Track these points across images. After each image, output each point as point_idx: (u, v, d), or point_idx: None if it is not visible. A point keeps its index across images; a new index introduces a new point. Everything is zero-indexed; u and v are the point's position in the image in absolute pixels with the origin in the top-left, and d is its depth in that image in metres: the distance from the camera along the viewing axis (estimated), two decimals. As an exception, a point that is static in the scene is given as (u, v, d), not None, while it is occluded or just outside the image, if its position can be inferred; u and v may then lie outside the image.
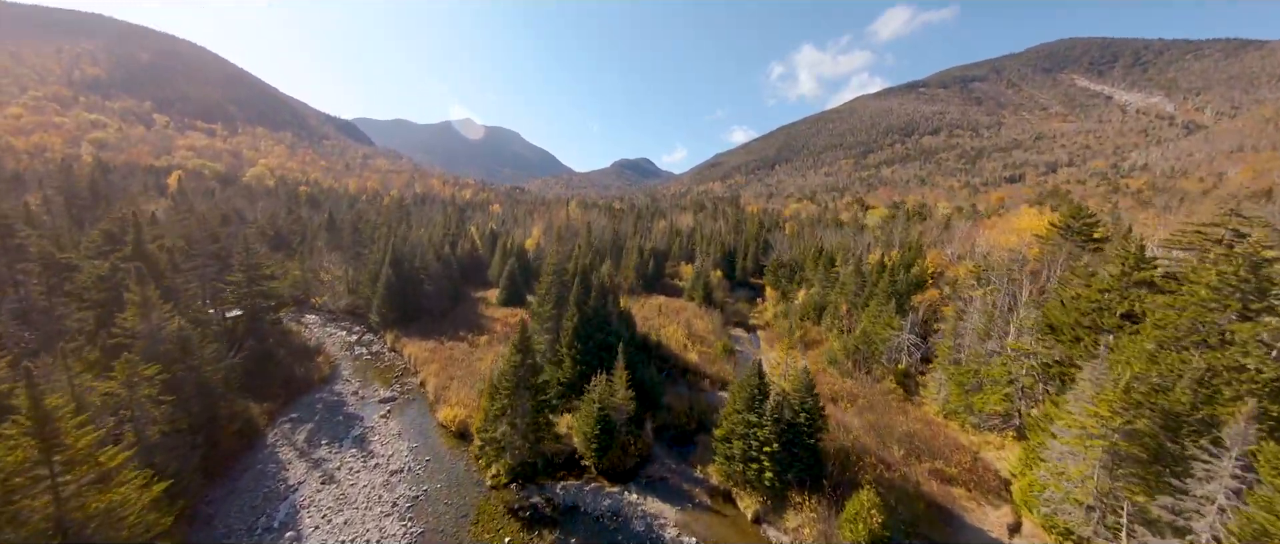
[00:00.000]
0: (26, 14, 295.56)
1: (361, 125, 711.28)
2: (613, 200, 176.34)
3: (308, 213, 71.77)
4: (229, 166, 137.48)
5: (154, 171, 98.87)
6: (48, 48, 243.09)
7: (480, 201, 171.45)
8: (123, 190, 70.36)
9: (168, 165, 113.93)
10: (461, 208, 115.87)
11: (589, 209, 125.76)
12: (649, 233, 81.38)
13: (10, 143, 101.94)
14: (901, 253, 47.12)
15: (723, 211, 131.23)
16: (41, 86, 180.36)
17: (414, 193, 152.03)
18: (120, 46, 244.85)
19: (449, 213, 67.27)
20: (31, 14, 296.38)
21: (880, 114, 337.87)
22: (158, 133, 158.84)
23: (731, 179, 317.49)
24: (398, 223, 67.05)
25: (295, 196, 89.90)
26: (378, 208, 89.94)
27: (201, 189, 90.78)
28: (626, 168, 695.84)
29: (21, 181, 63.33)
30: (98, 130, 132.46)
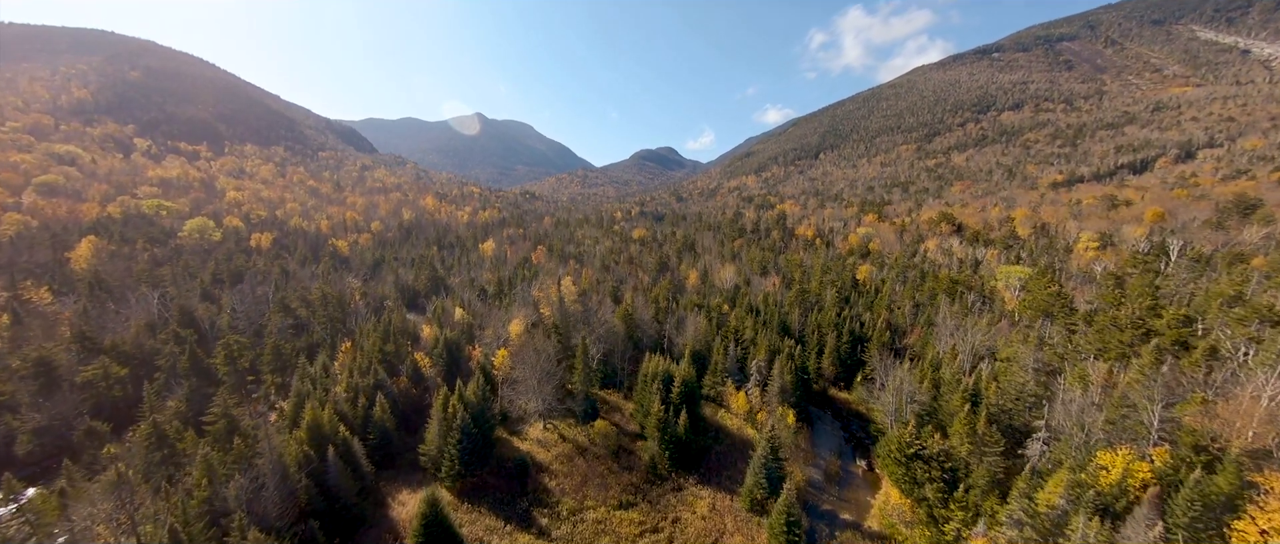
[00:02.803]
0: (32, 34, 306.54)
1: (371, 127, 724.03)
2: (632, 226, 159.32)
3: (206, 315, 58.61)
4: (195, 201, 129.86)
5: (93, 225, 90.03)
6: (45, 70, 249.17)
7: (481, 225, 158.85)
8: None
9: (121, 211, 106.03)
10: (434, 275, 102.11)
11: (604, 244, 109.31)
12: (678, 302, 63.99)
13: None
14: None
15: (768, 236, 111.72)
16: (24, 115, 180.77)
17: (401, 222, 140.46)
18: (111, 65, 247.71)
19: (392, 321, 51.91)
20: (36, 34, 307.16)
21: (945, 87, 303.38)
22: (131, 163, 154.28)
23: (768, 172, 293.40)
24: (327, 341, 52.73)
25: (226, 267, 77.84)
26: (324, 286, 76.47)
27: (142, 236, 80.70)
28: (648, 160, 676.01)
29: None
30: (58, 167, 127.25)
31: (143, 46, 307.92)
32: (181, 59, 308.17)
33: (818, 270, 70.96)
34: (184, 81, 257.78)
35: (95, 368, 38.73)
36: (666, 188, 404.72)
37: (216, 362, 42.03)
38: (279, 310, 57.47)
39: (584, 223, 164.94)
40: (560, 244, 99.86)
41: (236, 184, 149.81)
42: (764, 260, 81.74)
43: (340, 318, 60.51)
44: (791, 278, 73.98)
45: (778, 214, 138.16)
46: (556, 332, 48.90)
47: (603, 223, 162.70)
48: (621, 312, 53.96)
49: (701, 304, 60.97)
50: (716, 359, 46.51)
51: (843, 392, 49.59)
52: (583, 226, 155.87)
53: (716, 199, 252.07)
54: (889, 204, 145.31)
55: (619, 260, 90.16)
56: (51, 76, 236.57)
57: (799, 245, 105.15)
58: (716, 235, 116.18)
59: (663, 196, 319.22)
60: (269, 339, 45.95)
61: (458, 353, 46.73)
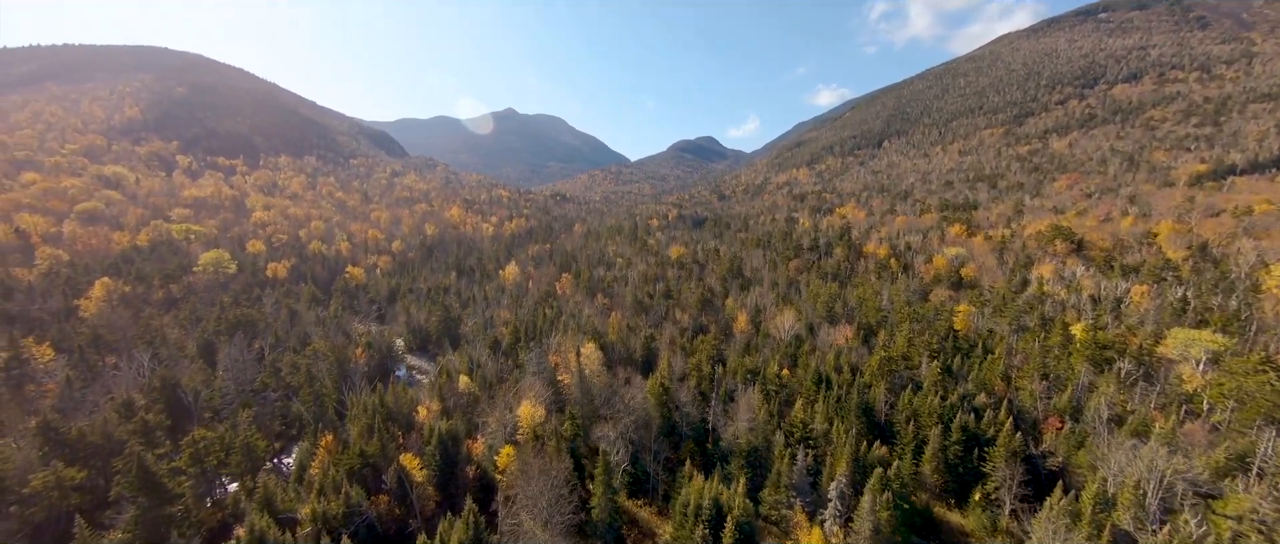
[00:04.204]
0: (97, 55, 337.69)
1: (404, 128, 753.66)
2: (670, 237, 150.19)
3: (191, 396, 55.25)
4: (224, 223, 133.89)
5: (117, 259, 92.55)
6: (104, 89, 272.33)
7: (507, 239, 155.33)
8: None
9: (150, 239, 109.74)
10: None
11: (638, 268, 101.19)
12: (725, 365, 54.76)
13: (5, 226, 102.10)
14: None
15: (830, 253, 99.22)
16: (81, 136, 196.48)
17: (423, 240, 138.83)
18: (160, 83, 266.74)
19: (384, 401, 45.93)
20: (100, 54, 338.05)
21: (1039, 57, 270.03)
22: (170, 183, 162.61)
23: (822, 164, 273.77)
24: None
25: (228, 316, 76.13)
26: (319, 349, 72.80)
27: (159, 272, 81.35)
28: (686, 151, 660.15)
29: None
30: (102, 192, 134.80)
31: (190, 61, 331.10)
32: (224, 72, 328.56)
33: (904, 324, 58.74)
34: (225, 95, 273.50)
35: (46, 475, 35.12)
36: (707, 183, 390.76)
37: (181, 464, 37.55)
38: (270, 375, 53.53)
39: (616, 233, 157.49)
40: (587, 271, 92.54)
41: (265, 202, 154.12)
42: (830, 298, 70.26)
43: (336, 381, 55.97)
44: (868, 326, 62.34)
45: (840, 224, 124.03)
46: (573, 422, 41.12)
47: (636, 233, 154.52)
48: (654, 387, 45.42)
49: (755, 371, 51.27)
50: (779, 466, 37.04)
51: (954, 512, 38.64)
52: (614, 238, 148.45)
53: (763, 198, 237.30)
54: (977, 208, 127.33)
55: (654, 293, 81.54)
56: (108, 95, 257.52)
57: (869, 267, 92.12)
58: (767, 254, 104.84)
59: (703, 194, 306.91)
60: (242, 431, 41.21)
61: (455, 451, 40.09)
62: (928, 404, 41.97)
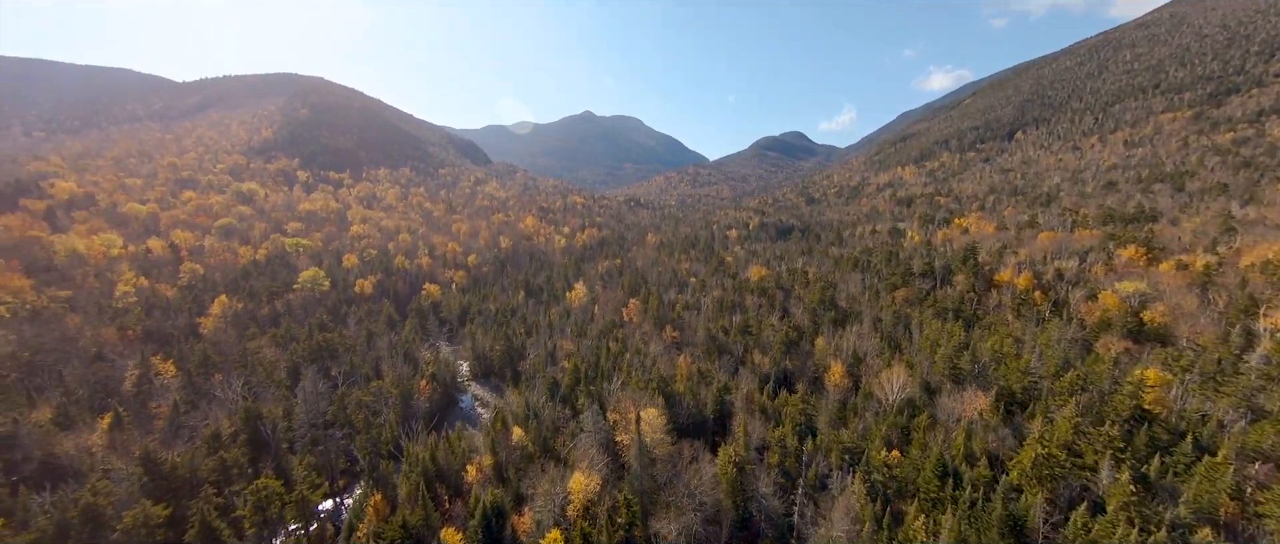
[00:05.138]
0: (246, 83, 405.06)
1: (491, 134, 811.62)
2: (750, 252, 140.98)
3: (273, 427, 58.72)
4: (328, 235, 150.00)
5: (240, 273, 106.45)
6: (248, 114, 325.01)
7: (579, 250, 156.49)
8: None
9: (268, 253, 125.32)
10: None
11: (713, 293, 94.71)
12: (815, 439, 47.14)
13: (162, 243, 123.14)
14: None
15: (949, 281, 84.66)
16: (228, 157, 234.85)
17: (497, 253, 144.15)
18: (289, 105, 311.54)
19: (436, 454, 44.99)
20: (248, 83, 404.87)
21: (1247, 16, 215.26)
22: (290, 197, 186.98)
23: (934, 161, 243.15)
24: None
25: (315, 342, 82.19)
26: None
27: (267, 288, 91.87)
28: (770, 149, 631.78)
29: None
30: (237, 208, 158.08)
31: (313, 84, 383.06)
32: (339, 93, 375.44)
33: (1067, 399, 45.61)
34: (338, 114, 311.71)
35: (135, 512, 38.25)
36: (793, 183, 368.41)
37: (245, 512, 39.09)
38: (339, 409, 55.81)
39: (690, 246, 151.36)
40: (656, 296, 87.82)
41: (363, 215, 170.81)
42: (954, 347, 58.06)
43: (399, 416, 57.03)
44: (1011, 393, 49.95)
45: (962, 240, 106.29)
46: (629, 510, 36.36)
47: (712, 247, 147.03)
48: (726, 467, 39.16)
49: (855, 451, 42.69)
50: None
51: None
52: (688, 252, 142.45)
53: (860, 203, 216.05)
54: (1158, 220, 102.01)
55: (730, 328, 74.48)
56: (251, 119, 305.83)
57: (1004, 301, 76.48)
58: (867, 279, 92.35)
59: (789, 197, 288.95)
60: (298, 484, 42.23)
61: (500, 527, 37.38)
62: (1117, 538, 30.88)
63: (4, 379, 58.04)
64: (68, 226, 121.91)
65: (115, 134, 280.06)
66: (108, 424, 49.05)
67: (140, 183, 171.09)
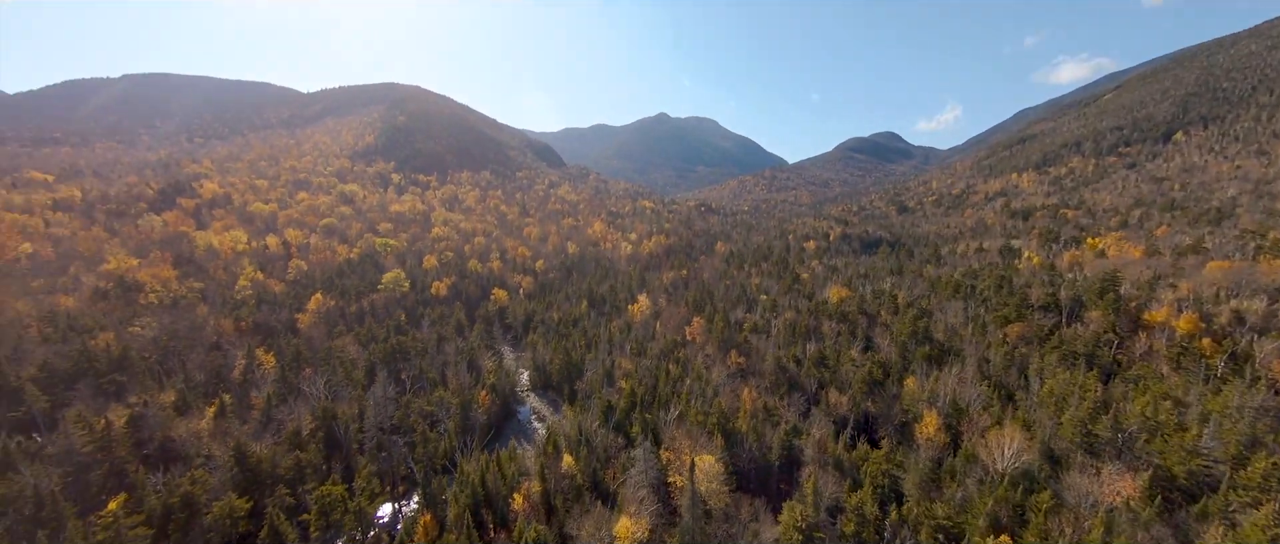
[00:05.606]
0: (356, 93, 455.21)
1: (565, 137, 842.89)
2: (830, 268, 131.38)
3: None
4: (413, 236, 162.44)
5: (336, 271, 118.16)
6: (356, 121, 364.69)
7: (644, 259, 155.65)
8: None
9: (361, 251, 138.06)
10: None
11: (785, 315, 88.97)
12: (901, 508, 41.38)
13: (277, 240, 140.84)
14: None
15: (1079, 318, 71.89)
16: (336, 160, 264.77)
17: (564, 259, 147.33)
18: (388, 113, 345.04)
19: (485, 475, 45.13)
20: (357, 93, 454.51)
21: None
22: (383, 199, 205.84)
23: (1059, 166, 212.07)
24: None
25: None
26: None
27: (355, 287, 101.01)
28: (858, 151, 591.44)
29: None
30: (339, 208, 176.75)
31: (411, 93, 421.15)
32: (432, 100, 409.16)
33: (1264, 502, 35.21)
34: (430, 120, 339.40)
35: (222, 504, 42.24)
36: (883, 189, 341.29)
37: (311, 517, 41.66)
38: (403, 415, 58.61)
39: (762, 258, 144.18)
40: (722, 316, 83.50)
41: (444, 217, 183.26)
42: (1088, 409, 48.07)
43: (459, 425, 58.72)
44: (1169, 478, 40.00)
45: (1099, 267, 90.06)
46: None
47: (786, 261, 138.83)
48: (790, 536, 34.84)
49: (951, 532, 36.25)
50: None
51: None
52: (759, 266, 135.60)
53: (964, 214, 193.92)
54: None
55: (803, 359, 68.56)
56: (358, 126, 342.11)
57: (1158, 347, 62.93)
58: (970, 308, 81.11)
59: (877, 204, 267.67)
60: (358, 495, 44.29)
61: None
62: None
63: (146, 361, 68.11)
64: (208, 223, 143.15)
65: (253, 140, 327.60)
66: (214, 412, 55.29)
67: (266, 184, 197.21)
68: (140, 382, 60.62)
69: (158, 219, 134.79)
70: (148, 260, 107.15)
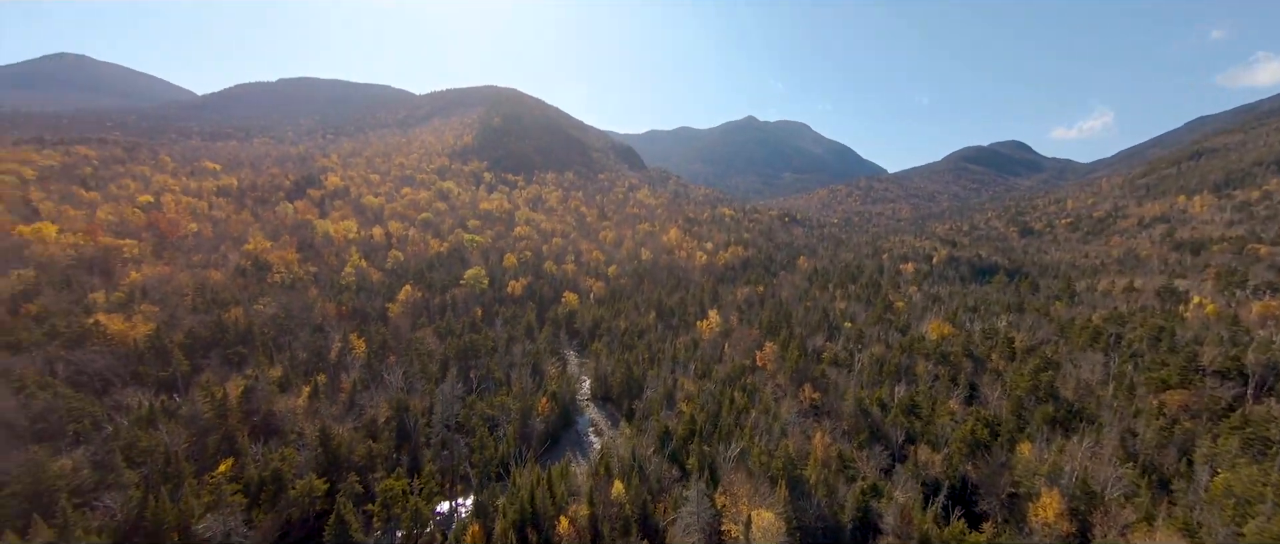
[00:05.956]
0: (460, 95, 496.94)
1: (648, 139, 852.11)
2: (930, 298, 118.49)
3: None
4: (497, 234, 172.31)
5: (426, 263, 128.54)
6: (457, 122, 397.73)
7: (719, 271, 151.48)
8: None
9: (449, 246, 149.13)
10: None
11: (873, 349, 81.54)
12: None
13: (381, 230, 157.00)
14: None
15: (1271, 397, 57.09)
16: (438, 158, 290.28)
17: (637, 266, 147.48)
18: (486, 115, 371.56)
19: (535, 493, 45.22)
20: (461, 95, 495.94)
21: None
22: (474, 196, 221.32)
23: (1252, 189, 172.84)
24: None
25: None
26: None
27: (440, 280, 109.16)
28: (974, 161, 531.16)
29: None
30: (436, 204, 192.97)
31: (508, 96, 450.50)
32: (527, 103, 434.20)
33: None
34: (523, 122, 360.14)
35: (303, 483, 46.51)
36: (1002, 206, 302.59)
37: (375, 508, 44.44)
38: (468, 415, 61.15)
39: (849, 279, 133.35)
40: (798, 344, 77.54)
41: (527, 216, 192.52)
42: (1279, 521, 37.02)
43: (517, 430, 60.03)
44: None
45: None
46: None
47: (878, 283, 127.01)
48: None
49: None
50: None
51: None
52: (846, 287, 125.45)
53: (1108, 242, 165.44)
54: None
55: (890, 403, 61.18)
56: (459, 126, 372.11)
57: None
58: (1113, 364, 67.68)
59: (994, 224, 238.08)
60: (415, 497, 46.43)
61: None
62: None
63: (264, 336, 78.14)
64: (329, 213, 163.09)
65: (372, 137, 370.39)
66: (308, 392, 61.63)
67: (378, 178, 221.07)
68: (257, 355, 69.46)
69: (290, 207, 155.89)
70: (278, 243, 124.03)
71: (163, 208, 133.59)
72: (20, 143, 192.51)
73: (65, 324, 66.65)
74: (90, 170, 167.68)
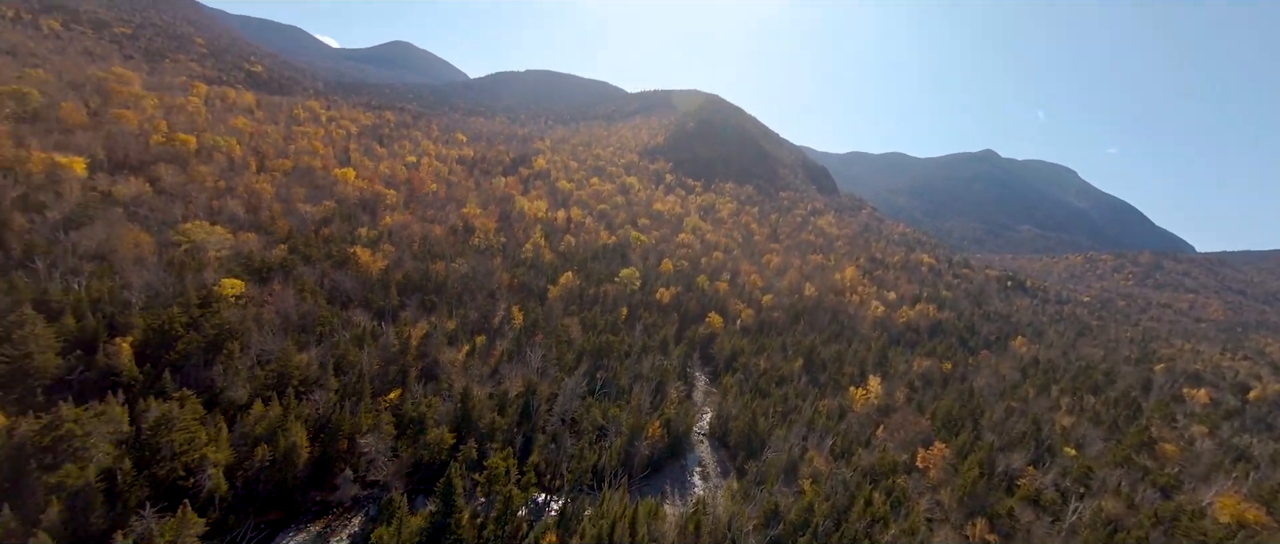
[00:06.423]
0: (661, 97, 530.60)
1: (850, 161, 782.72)
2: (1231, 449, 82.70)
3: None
4: (662, 236, 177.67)
5: (593, 253, 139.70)
6: (656, 122, 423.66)
7: (898, 329, 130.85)
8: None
9: (618, 240, 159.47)
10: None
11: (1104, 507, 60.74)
12: None
13: (564, 215, 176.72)
14: None
15: None
16: (628, 154, 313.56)
17: (797, 300, 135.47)
18: (681, 118, 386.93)
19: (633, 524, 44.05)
20: (662, 97, 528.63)
21: None
22: (651, 195, 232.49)
23: None
24: None
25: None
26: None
27: (599, 273, 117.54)
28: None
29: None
30: (614, 197, 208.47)
31: (708, 101, 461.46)
32: (724, 109, 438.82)
33: None
34: (715, 128, 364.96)
35: (435, 434, 53.90)
36: None
37: (480, 480, 49.02)
38: (583, 412, 63.52)
39: (1090, 387, 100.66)
40: (984, 456, 60.37)
41: (695, 224, 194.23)
42: None
43: (624, 448, 60.08)
44: None
45: None
46: None
47: (1140, 405, 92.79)
48: None
49: None
50: None
51: None
52: (1080, 398, 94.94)
53: None
54: None
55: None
56: (655, 125, 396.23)
57: None
58: None
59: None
60: (525, 476, 49.49)
61: None
62: None
63: (452, 292, 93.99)
64: (529, 191, 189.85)
65: (582, 128, 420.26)
66: (467, 351, 71.68)
67: (575, 166, 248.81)
68: (443, 307, 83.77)
69: (502, 181, 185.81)
70: (485, 211, 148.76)
71: (419, 168, 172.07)
72: (355, 105, 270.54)
73: (336, 250, 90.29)
74: (387, 131, 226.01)
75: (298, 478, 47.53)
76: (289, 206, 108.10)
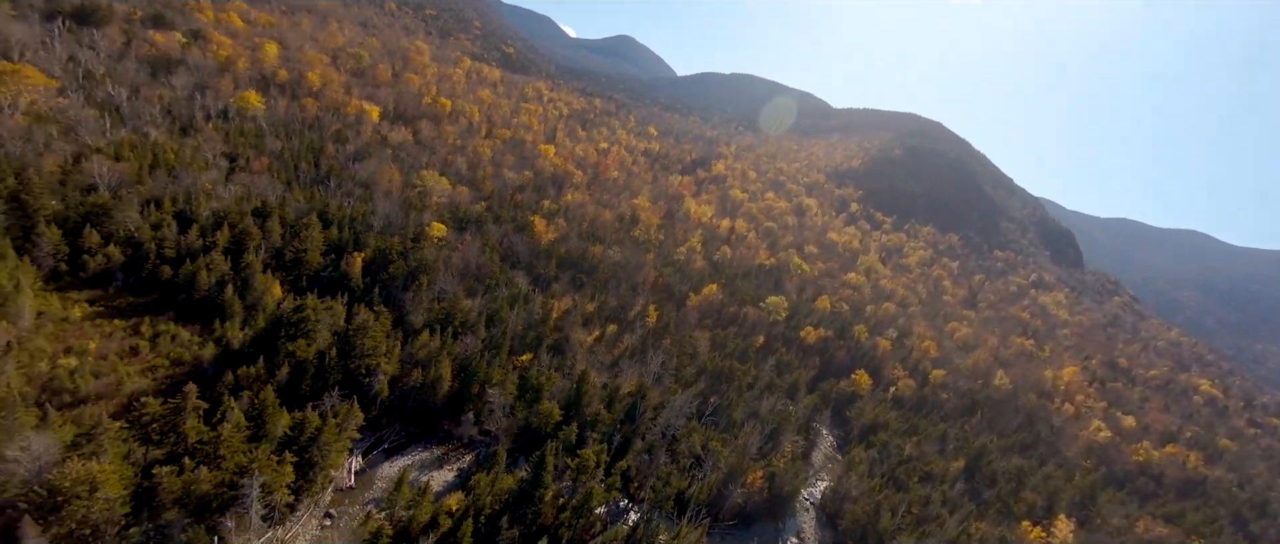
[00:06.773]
0: (863, 116, 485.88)
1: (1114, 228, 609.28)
2: None
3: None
4: (827, 271, 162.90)
5: (742, 272, 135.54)
6: (854, 143, 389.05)
7: (1122, 457, 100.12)
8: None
9: (777, 261, 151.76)
10: None
11: None
12: None
13: (728, 224, 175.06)
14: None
15: None
16: (814, 174, 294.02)
17: (981, 385, 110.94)
18: (886, 143, 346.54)
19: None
20: (865, 116, 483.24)
21: None
22: (824, 222, 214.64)
23: None
24: None
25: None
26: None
27: (749, 294, 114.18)
28: None
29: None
30: (786, 216, 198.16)
31: (925, 128, 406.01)
32: (943, 140, 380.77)
33: None
34: (924, 158, 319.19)
35: (544, 408, 58.37)
36: None
37: (571, 465, 51.61)
38: (684, 435, 62.08)
39: None
40: None
41: (870, 265, 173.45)
42: None
43: (709, 491, 57.32)
44: None
45: None
46: None
47: None
48: None
49: None
50: None
51: None
52: None
53: None
54: None
55: None
56: (855, 147, 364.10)
57: None
58: None
59: None
60: (610, 479, 50.51)
61: None
62: None
63: (603, 276, 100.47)
64: (700, 194, 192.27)
65: (771, 138, 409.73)
66: (596, 337, 76.16)
67: (754, 176, 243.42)
68: (588, 288, 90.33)
69: (677, 179, 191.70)
70: (654, 206, 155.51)
71: (608, 155, 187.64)
72: (573, 90, 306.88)
73: (520, 215, 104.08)
74: (592, 116, 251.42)
75: (437, 404, 56.42)
76: (498, 171, 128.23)
